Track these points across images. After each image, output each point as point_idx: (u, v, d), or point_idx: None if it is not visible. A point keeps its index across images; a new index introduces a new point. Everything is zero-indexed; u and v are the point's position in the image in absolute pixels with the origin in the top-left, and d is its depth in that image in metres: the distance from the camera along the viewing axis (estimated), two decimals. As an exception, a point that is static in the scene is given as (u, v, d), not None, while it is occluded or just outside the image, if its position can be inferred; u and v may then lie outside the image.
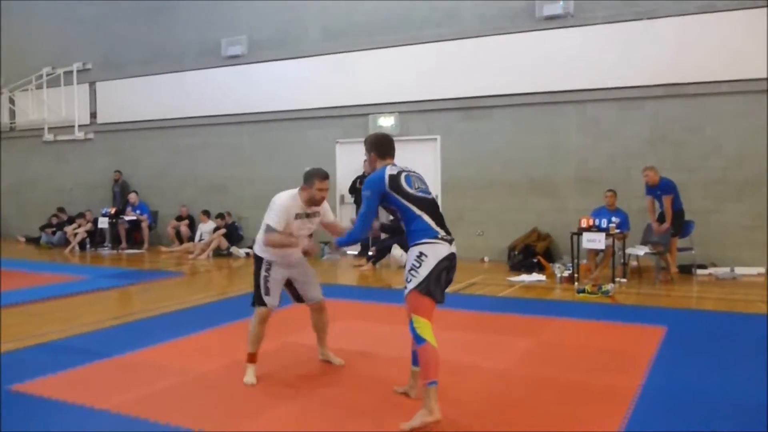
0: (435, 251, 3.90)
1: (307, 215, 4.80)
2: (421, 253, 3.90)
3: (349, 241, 4.34)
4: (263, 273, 4.86)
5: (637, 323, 6.46)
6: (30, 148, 16.74)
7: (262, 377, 4.80)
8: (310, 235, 4.96)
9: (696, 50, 9.92)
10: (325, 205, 4.90)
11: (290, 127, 13.33)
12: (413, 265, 3.91)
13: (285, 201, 4.76)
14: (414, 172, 4.22)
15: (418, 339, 3.88)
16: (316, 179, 4.68)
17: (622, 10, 10.40)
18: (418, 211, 3.99)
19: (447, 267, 3.95)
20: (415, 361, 4.22)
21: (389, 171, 4.09)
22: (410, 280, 3.91)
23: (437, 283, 3.89)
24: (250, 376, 4.70)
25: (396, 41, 12.09)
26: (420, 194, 4.06)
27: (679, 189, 9.21)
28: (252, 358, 4.80)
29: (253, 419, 3.98)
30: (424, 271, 3.88)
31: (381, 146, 4.27)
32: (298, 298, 5.10)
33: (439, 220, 4.03)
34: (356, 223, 4.21)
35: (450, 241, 3.98)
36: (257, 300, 4.90)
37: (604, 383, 4.58)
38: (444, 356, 5.21)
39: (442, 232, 3.97)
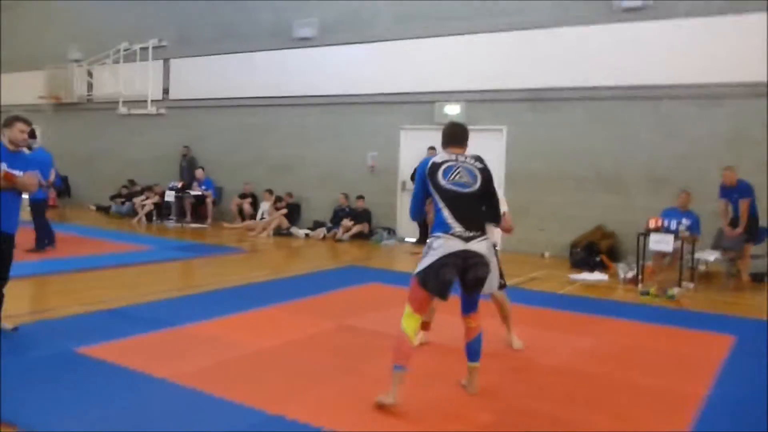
0: (442, 245, 3.89)
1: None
2: (430, 245, 3.95)
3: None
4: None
5: (704, 330, 6.21)
6: (105, 120, 17.29)
7: (317, 357, 4.82)
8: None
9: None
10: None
11: (356, 110, 13.34)
12: (423, 254, 3.98)
13: None
14: (467, 162, 4.12)
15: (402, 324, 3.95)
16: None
17: (703, 5, 9.96)
18: (441, 203, 3.98)
19: (453, 263, 3.88)
20: (470, 356, 4.19)
21: (435, 158, 4.12)
22: (416, 269, 3.99)
23: (436, 278, 3.88)
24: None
25: (468, 29, 11.91)
26: (451, 186, 3.99)
27: (757, 193, 8.79)
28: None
29: (305, 397, 3.99)
30: (426, 262, 3.91)
31: (445, 135, 4.31)
32: None
33: (464, 215, 3.94)
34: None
35: (467, 239, 3.89)
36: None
37: (668, 388, 4.42)
38: (502, 351, 5.17)
39: (458, 228, 3.90)
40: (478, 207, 4.06)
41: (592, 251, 10.07)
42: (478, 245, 3.94)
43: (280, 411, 3.72)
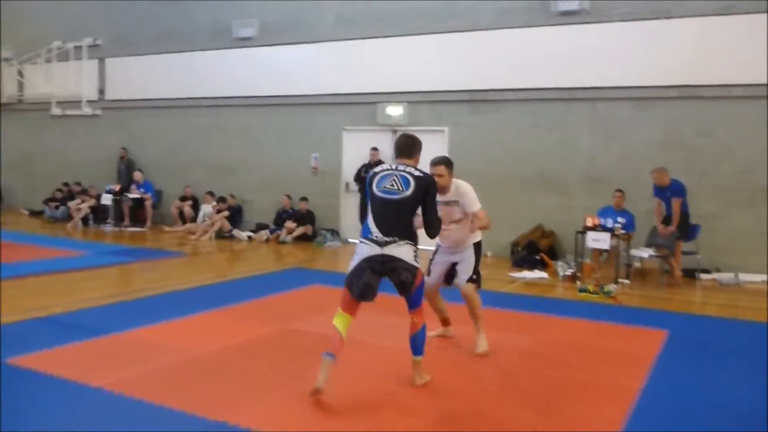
0: (361, 250, 4.21)
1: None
2: (354, 250, 4.30)
3: None
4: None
5: (639, 325, 6.41)
6: (38, 121, 16.70)
7: (260, 362, 4.78)
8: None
9: (712, 52, 9.79)
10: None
11: (299, 112, 13.25)
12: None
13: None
14: (405, 171, 4.28)
15: None
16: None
17: (638, 9, 10.26)
18: (370, 210, 4.28)
19: (371, 268, 4.12)
20: (413, 350, 4.38)
21: (376, 169, 4.43)
22: None
23: (357, 281, 4.12)
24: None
25: (410, 31, 11.96)
26: (380, 194, 4.24)
27: (688, 192, 9.12)
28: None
29: (249, 403, 3.95)
30: (350, 266, 4.25)
31: (394, 147, 4.57)
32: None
33: (385, 220, 4.17)
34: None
35: (383, 243, 4.12)
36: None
37: (605, 384, 4.55)
38: (441, 351, 5.23)
39: (377, 233, 4.16)
40: (402, 213, 4.21)
41: (533, 250, 10.27)
42: (396, 250, 4.13)
43: (222, 418, 3.67)
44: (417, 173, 4.28)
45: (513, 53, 11.15)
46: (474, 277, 5.31)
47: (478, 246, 5.44)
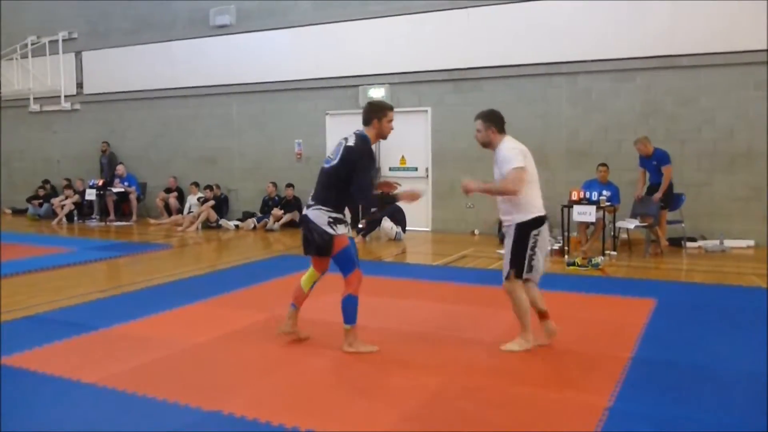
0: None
1: None
2: None
3: None
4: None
5: (627, 296, 6.47)
6: (16, 118, 16.50)
7: (252, 350, 4.79)
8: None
9: (690, 21, 9.81)
10: None
11: (280, 98, 13.17)
12: None
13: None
14: (343, 140, 4.64)
15: None
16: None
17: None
18: None
19: (304, 227, 4.62)
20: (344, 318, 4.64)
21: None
22: None
23: (303, 240, 4.68)
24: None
25: (386, 11, 11.90)
26: (323, 164, 4.65)
27: (671, 161, 9.17)
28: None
29: (243, 391, 3.96)
30: None
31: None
32: None
33: (315, 187, 4.66)
34: None
35: (306, 207, 4.66)
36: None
37: (594, 354, 4.59)
38: (431, 328, 5.26)
39: (309, 199, 4.64)
40: (327, 181, 4.59)
41: (520, 226, 10.28)
42: (311, 212, 4.56)
43: (216, 407, 3.67)
44: (351, 142, 4.54)
45: (492, 30, 11.11)
46: (512, 271, 4.60)
47: (524, 227, 4.54)
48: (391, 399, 3.84)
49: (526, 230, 4.53)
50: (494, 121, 4.65)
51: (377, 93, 11.98)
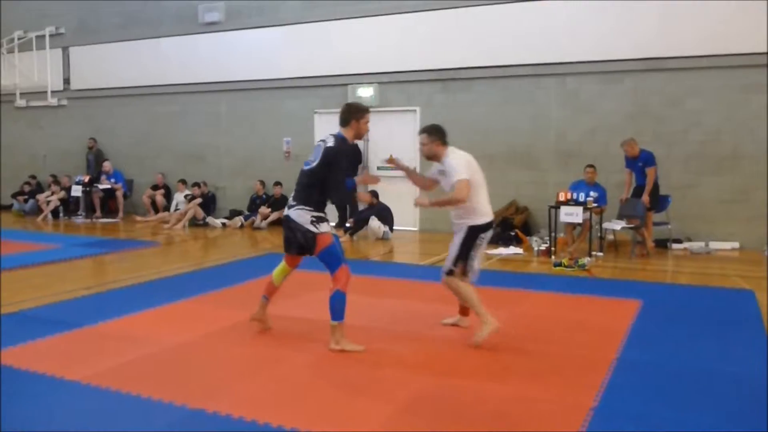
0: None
1: None
2: None
3: None
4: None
5: (613, 297, 6.50)
6: (2, 113, 16.33)
7: (238, 348, 4.77)
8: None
9: (678, 24, 9.87)
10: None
11: (268, 96, 13.13)
12: None
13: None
14: (322, 141, 4.74)
15: None
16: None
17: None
18: None
19: (286, 227, 4.73)
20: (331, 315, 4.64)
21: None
22: None
23: (285, 240, 4.79)
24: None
25: (376, 11, 11.89)
26: (303, 166, 4.74)
27: (658, 163, 9.23)
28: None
29: (228, 389, 3.94)
30: None
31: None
32: None
33: (296, 189, 4.74)
34: None
35: (288, 207, 4.72)
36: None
37: (580, 355, 4.61)
38: (417, 328, 5.27)
39: (290, 200, 4.73)
40: (307, 182, 4.68)
41: (507, 226, 10.33)
42: (293, 212, 4.65)
43: (201, 405, 3.66)
44: (329, 143, 4.64)
45: (481, 31, 11.13)
46: (453, 268, 4.95)
47: (476, 229, 4.92)
48: (377, 397, 3.84)
49: (476, 232, 4.92)
50: (438, 134, 5.06)
51: (366, 92, 11.97)
